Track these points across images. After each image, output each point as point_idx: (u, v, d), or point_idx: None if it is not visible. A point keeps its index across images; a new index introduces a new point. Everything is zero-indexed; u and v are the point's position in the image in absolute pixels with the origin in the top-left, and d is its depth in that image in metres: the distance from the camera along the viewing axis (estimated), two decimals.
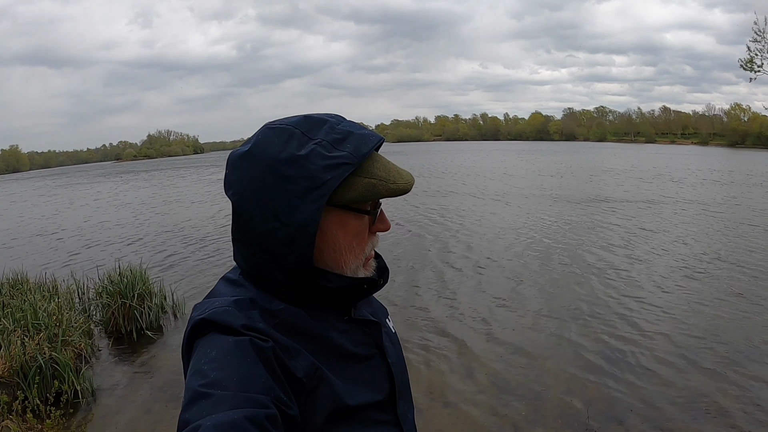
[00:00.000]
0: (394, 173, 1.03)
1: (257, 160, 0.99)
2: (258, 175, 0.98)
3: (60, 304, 6.80)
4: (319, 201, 0.96)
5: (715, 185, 24.42)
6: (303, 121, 1.03)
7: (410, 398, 1.23)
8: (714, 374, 5.73)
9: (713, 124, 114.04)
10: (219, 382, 0.84)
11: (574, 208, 18.24)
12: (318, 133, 1.00)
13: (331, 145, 0.99)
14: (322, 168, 0.96)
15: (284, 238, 0.97)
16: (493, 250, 12.03)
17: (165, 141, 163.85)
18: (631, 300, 8.18)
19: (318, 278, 1.03)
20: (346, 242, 1.04)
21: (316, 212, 0.96)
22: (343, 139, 1.00)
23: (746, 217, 15.61)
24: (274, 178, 0.97)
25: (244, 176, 1.00)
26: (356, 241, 1.05)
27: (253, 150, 1.00)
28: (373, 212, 1.07)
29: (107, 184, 45.05)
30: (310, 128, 1.01)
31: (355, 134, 1.02)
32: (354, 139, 1.01)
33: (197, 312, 0.99)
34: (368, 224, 1.07)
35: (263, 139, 1.01)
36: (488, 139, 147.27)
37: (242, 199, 1.00)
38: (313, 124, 1.02)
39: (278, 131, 1.01)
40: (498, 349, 6.63)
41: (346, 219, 1.03)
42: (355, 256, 1.06)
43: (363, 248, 1.07)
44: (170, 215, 20.73)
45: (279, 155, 0.98)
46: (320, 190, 0.96)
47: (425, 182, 28.32)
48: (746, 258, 10.59)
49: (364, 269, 1.09)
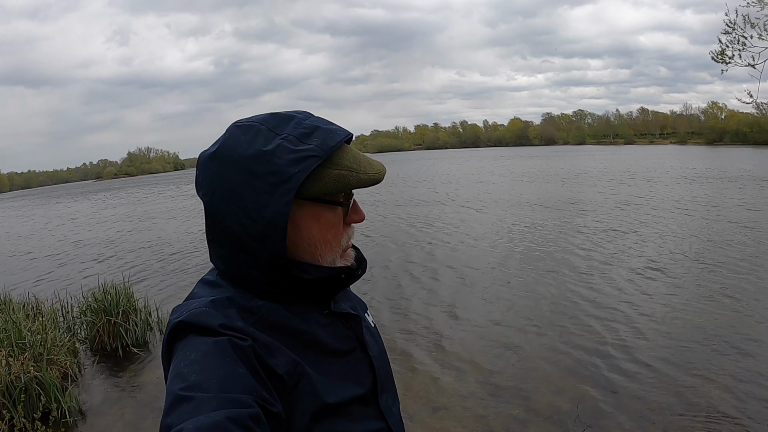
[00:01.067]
0: (364, 163, 1.04)
1: (225, 158, 0.99)
2: (226, 173, 0.98)
3: (44, 322, 6.71)
4: (287, 195, 0.95)
5: (690, 183, 24.71)
6: (270, 118, 1.03)
7: (394, 392, 1.22)
8: (701, 370, 5.78)
9: (691, 123, 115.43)
10: (199, 384, 0.84)
11: (549, 212, 18.38)
12: (285, 128, 1.00)
13: (298, 139, 0.99)
14: (288, 162, 0.96)
15: (257, 235, 0.97)
16: (471, 256, 12.11)
17: (145, 158, 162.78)
18: (615, 300, 8.26)
19: (295, 270, 1.02)
20: (320, 235, 1.04)
21: (286, 206, 0.96)
22: (310, 133, 1.00)
23: (721, 213, 15.80)
24: (242, 176, 0.97)
25: (214, 176, 1.00)
26: (331, 234, 1.05)
27: (221, 149, 1.00)
28: (346, 204, 1.06)
29: (87, 202, 44.69)
30: (277, 124, 1.01)
31: (322, 128, 1.02)
32: (321, 133, 1.01)
33: (175, 315, 0.99)
34: (342, 216, 1.07)
35: (230, 138, 1.01)
36: (468, 147, 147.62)
37: (213, 199, 1.00)
38: (280, 120, 1.02)
39: (245, 129, 1.01)
40: (486, 351, 6.66)
41: (319, 212, 1.03)
42: (331, 249, 1.06)
43: (339, 240, 1.07)
44: (152, 231, 20.61)
45: (246, 152, 0.98)
46: (288, 184, 0.95)
47: (398, 191, 28.35)
48: (725, 254, 10.72)
49: (342, 259, 1.09)
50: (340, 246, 1.08)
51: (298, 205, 1.00)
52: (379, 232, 15.98)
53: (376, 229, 16.47)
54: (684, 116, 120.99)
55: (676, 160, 46.09)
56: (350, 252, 1.13)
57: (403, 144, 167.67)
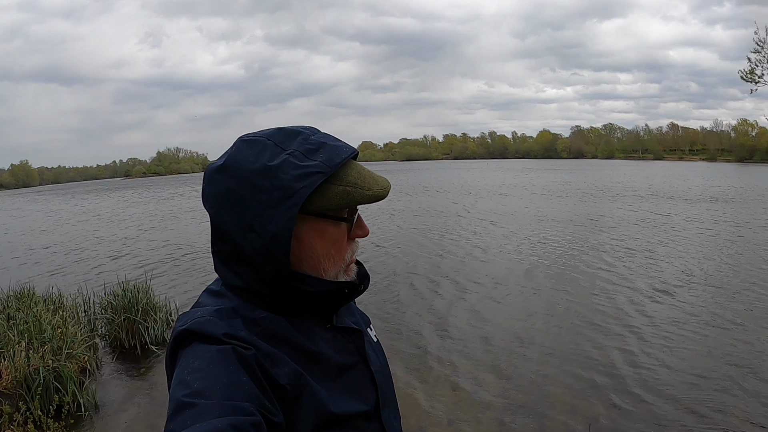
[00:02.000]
0: (369, 180, 1.04)
1: (231, 172, 1.00)
2: (232, 187, 0.99)
3: (65, 317, 6.82)
4: (291, 210, 0.96)
5: (714, 202, 24.32)
6: (276, 133, 1.04)
7: (395, 406, 1.23)
8: (717, 394, 5.66)
9: (721, 140, 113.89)
10: (203, 391, 0.84)
11: (566, 227, 18.22)
12: (291, 144, 1.01)
13: (304, 155, 0.99)
14: (294, 177, 0.97)
15: (260, 249, 0.98)
16: (487, 270, 12.04)
17: (174, 158, 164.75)
18: (629, 320, 8.12)
19: (298, 283, 1.03)
20: (324, 250, 1.04)
21: (289, 221, 0.96)
22: (316, 149, 1.01)
23: (743, 235, 15.53)
24: (247, 190, 0.98)
25: (220, 189, 1.01)
26: (334, 249, 1.06)
27: (227, 163, 1.01)
28: (350, 219, 1.07)
29: (115, 199, 45.34)
30: (284, 139, 1.02)
31: (328, 145, 1.03)
32: (327, 150, 1.01)
33: (180, 323, 0.99)
34: (346, 231, 1.07)
35: (237, 152, 1.02)
36: (496, 158, 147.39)
37: (219, 212, 1.01)
38: (286, 135, 1.03)
39: (251, 143, 1.02)
40: (500, 367, 6.60)
41: (323, 227, 1.03)
42: (335, 264, 1.06)
43: (342, 255, 1.08)
44: (176, 230, 20.90)
45: (252, 167, 0.98)
46: (292, 200, 0.96)
47: (418, 200, 28.27)
48: (745, 277, 10.50)
49: (345, 275, 1.09)
50: (343, 261, 1.08)
51: (302, 220, 1.00)
52: (392, 241, 15.99)
53: (388, 238, 16.50)
54: (714, 133, 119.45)
55: (702, 177, 45.44)
56: (353, 267, 1.13)
57: (431, 153, 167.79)
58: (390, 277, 11.24)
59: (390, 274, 11.42)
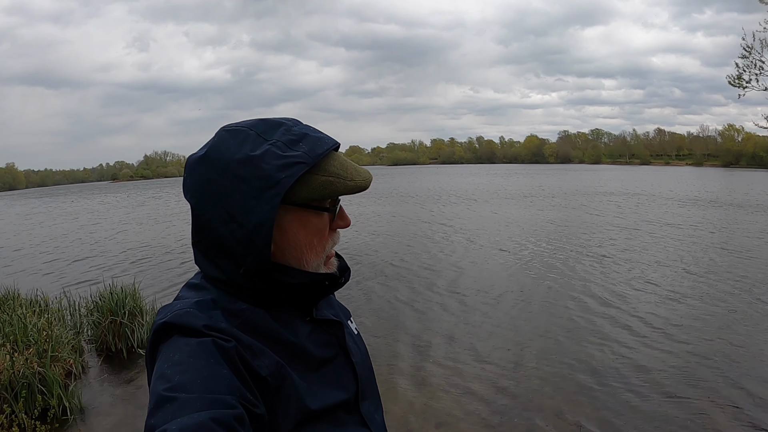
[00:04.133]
0: (351, 170, 1.04)
1: (213, 162, 0.99)
2: (214, 177, 0.99)
3: (50, 319, 6.76)
4: (273, 200, 0.96)
5: (696, 206, 24.53)
6: (259, 123, 1.03)
7: (377, 399, 1.22)
8: (707, 396, 5.69)
9: (707, 145, 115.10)
10: (183, 385, 0.84)
11: (553, 229, 18.28)
12: (274, 134, 1.01)
13: (286, 145, 0.99)
14: (276, 168, 0.96)
15: (242, 239, 0.97)
16: (473, 271, 12.10)
17: (161, 162, 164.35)
18: (617, 320, 8.19)
19: (280, 274, 1.02)
20: (306, 240, 1.04)
21: (272, 212, 0.96)
22: (298, 140, 1.01)
23: (724, 239, 15.69)
24: (229, 180, 0.97)
25: (201, 179, 1.00)
26: (317, 239, 1.05)
27: (209, 153, 1.01)
28: (332, 209, 1.07)
29: (100, 202, 45.06)
30: (266, 130, 1.02)
31: (310, 136, 1.03)
32: (309, 140, 1.01)
33: (160, 316, 0.99)
34: (328, 222, 1.07)
35: (219, 142, 1.02)
36: (484, 162, 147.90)
37: (200, 202, 1.01)
38: (269, 126, 1.03)
39: (233, 133, 1.02)
40: (489, 369, 6.60)
41: (305, 217, 1.03)
42: (316, 254, 1.06)
43: (324, 246, 1.07)
44: (163, 233, 20.77)
45: (233, 156, 0.98)
46: (274, 190, 0.96)
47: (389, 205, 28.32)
48: (730, 274, 10.62)
49: (326, 267, 1.09)
50: (324, 251, 1.08)
51: (284, 210, 1.00)
52: (376, 239, 15.98)
53: (370, 239, 16.46)
54: (701, 138, 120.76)
55: (686, 183, 45.79)
56: (333, 260, 1.13)
57: (419, 157, 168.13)
58: (372, 277, 11.28)
59: (372, 275, 11.45)
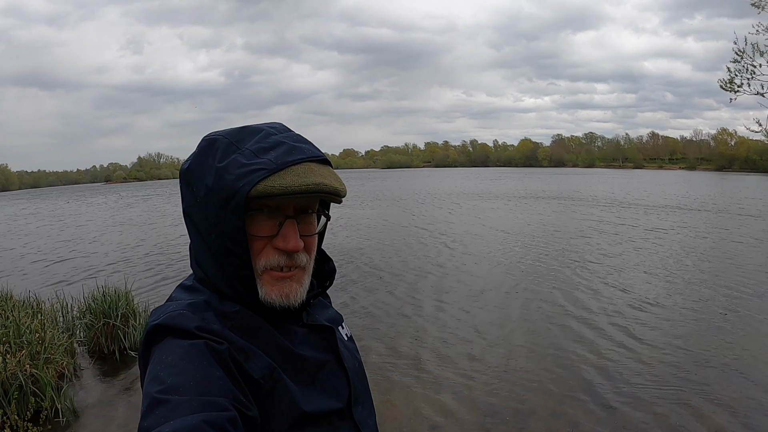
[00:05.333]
0: (303, 176, 0.98)
1: (193, 173, 1.03)
2: (193, 188, 1.02)
3: (43, 321, 6.72)
4: (237, 209, 0.95)
5: (683, 212, 24.65)
6: (237, 132, 1.04)
7: (370, 404, 1.21)
8: (699, 398, 5.75)
9: (701, 149, 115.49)
10: (176, 387, 0.84)
11: (547, 234, 18.36)
12: (247, 143, 1.00)
13: (254, 153, 0.98)
14: (236, 176, 0.96)
15: (222, 249, 0.99)
16: (464, 275, 12.13)
17: (155, 164, 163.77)
18: (609, 322, 8.25)
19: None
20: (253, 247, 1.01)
21: (239, 221, 0.96)
22: (270, 148, 1.00)
23: (708, 244, 15.78)
24: (204, 191, 0.99)
25: (185, 191, 1.05)
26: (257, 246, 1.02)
27: (191, 164, 1.04)
28: (279, 221, 1.01)
29: (95, 203, 44.85)
30: (242, 138, 1.02)
31: (286, 144, 1.01)
32: (282, 149, 1.00)
33: (153, 317, 0.99)
34: (270, 233, 1.02)
35: (199, 152, 1.04)
36: (478, 166, 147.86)
37: (186, 212, 1.05)
38: (246, 133, 1.03)
39: (210, 142, 1.03)
40: (481, 372, 6.64)
41: (255, 223, 1.01)
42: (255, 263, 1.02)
43: (261, 257, 1.02)
44: (156, 235, 20.70)
45: (206, 168, 1.00)
46: (235, 199, 0.95)
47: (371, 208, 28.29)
48: (720, 279, 10.70)
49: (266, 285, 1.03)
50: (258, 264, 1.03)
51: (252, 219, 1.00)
52: (369, 241, 16.00)
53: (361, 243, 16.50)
54: (694, 142, 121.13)
55: (678, 186, 45.93)
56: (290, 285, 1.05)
57: (413, 161, 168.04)
58: (359, 281, 11.31)
59: (359, 279, 11.49)
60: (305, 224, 1.05)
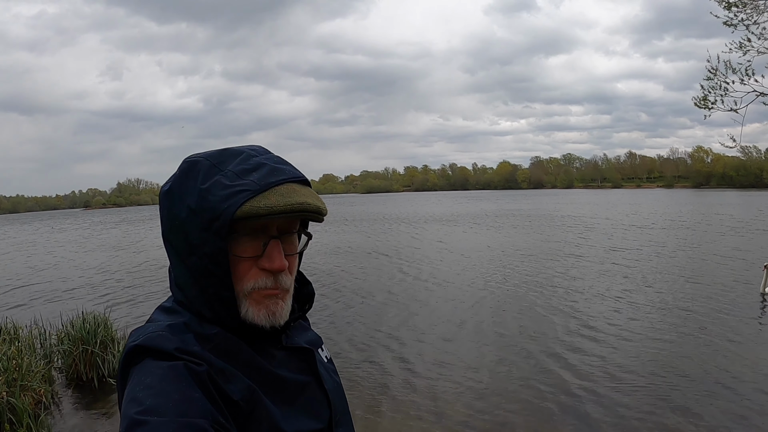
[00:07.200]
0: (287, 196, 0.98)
1: (173, 195, 1.00)
2: (174, 210, 1.00)
3: (20, 348, 6.65)
4: (221, 231, 0.95)
5: (652, 229, 24.98)
6: (218, 154, 1.03)
7: (351, 426, 1.20)
8: (679, 413, 5.84)
9: (678, 166, 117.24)
10: (155, 408, 0.83)
11: (526, 255, 18.48)
12: (228, 164, 1.00)
13: (237, 175, 0.98)
14: (221, 198, 0.95)
15: (203, 271, 0.98)
16: (441, 293, 12.17)
17: (134, 189, 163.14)
18: (587, 340, 8.38)
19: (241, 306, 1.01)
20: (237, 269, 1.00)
21: (222, 242, 0.95)
22: (252, 169, 0.99)
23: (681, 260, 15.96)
24: (185, 212, 0.98)
25: (166, 212, 1.02)
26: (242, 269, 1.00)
27: (172, 186, 1.01)
28: (263, 241, 1.01)
29: (73, 229, 44.40)
30: (223, 160, 1.01)
31: (268, 165, 1.01)
32: (264, 170, 1.00)
33: (132, 339, 0.97)
34: (255, 254, 1.01)
35: (180, 174, 1.02)
36: (457, 189, 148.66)
37: (168, 234, 1.02)
38: (227, 156, 1.02)
39: (191, 164, 1.02)
40: (462, 392, 6.69)
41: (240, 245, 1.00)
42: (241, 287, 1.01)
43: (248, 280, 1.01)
44: (135, 261, 20.56)
45: (187, 190, 0.98)
46: (219, 221, 0.94)
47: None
48: (689, 295, 10.87)
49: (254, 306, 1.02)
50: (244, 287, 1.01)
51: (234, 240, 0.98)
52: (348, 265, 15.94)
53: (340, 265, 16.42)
54: (671, 160, 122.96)
55: (654, 204, 46.47)
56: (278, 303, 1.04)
57: (392, 185, 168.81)
58: (336, 302, 11.32)
59: (337, 300, 11.48)
60: (288, 244, 1.05)
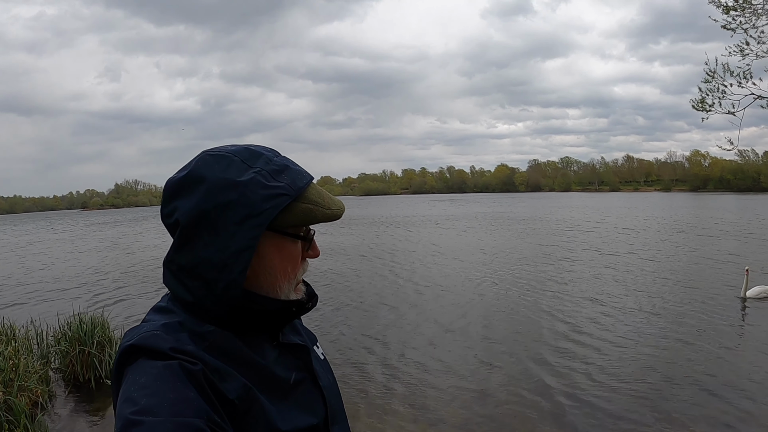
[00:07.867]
0: (327, 200, 1.05)
1: (197, 184, 0.98)
2: (196, 200, 0.97)
3: (17, 348, 6.65)
4: (256, 229, 0.96)
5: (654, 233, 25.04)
6: (243, 150, 1.03)
7: (346, 424, 1.21)
8: (673, 415, 5.86)
9: (675, 170, 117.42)
10: (150, 408, 0.83)
11: (521, 257, 18.50)
12: (257, 162, 1.01)
13: (270, 175, 1.00)
14: (262, 197, 0.97)
15: (218, 264, 0.97)
16: (435, 297, 12.19)
17: (132, 191, 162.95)
18: (584, 343, 8.41)
19: (248, 301, 1.01)
20: (281, 267, 1.04)
21: (253, 240, 0.96)
22: (281, 171, 1.02)
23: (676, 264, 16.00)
24: (213, 203, 0.96)
25: (183, 202, 0.99)
26: (291, 266, 1.05)
27: (191, 175, 0.99)
28: (307, 238, 1.07)
29: (71, 230, 44.34)
30: (250, 157, 1.02)
31: (291, 168, 1.04)
32: (291, 173, 1.03)
33: (126, 338, 0.97)
34: (302, 249, 1.07)
35: (203, 165, 1.00)
36: (455, 192, 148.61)
37: (179, 224, 1.00)
38: (252, 153, 1.03)
39: (218, 158, 1.01)
40: (458, 395, 6.71)
41: (282, 244, 1.03)
42: (289, 281, 1.06)
43: (296, 273, 1.07)
44: (132, 262, 20.55)
45: (219, 181, 0.97)
46: (258, 219, 0.96)
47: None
48: (678, 299, 10.92)
49: (295, 293, 1.09)
50: (296, 278, 1.08)
51: (263, 236, 0.99)
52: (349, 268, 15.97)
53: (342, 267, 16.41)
54: (668, 164, 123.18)
55: (651, 208, 46.53)
56: (301, 287, 1.12)
57: (390, 188, 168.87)
58: (334, 304, 11.33)
59: (335, 302, 11.50)
60: None
